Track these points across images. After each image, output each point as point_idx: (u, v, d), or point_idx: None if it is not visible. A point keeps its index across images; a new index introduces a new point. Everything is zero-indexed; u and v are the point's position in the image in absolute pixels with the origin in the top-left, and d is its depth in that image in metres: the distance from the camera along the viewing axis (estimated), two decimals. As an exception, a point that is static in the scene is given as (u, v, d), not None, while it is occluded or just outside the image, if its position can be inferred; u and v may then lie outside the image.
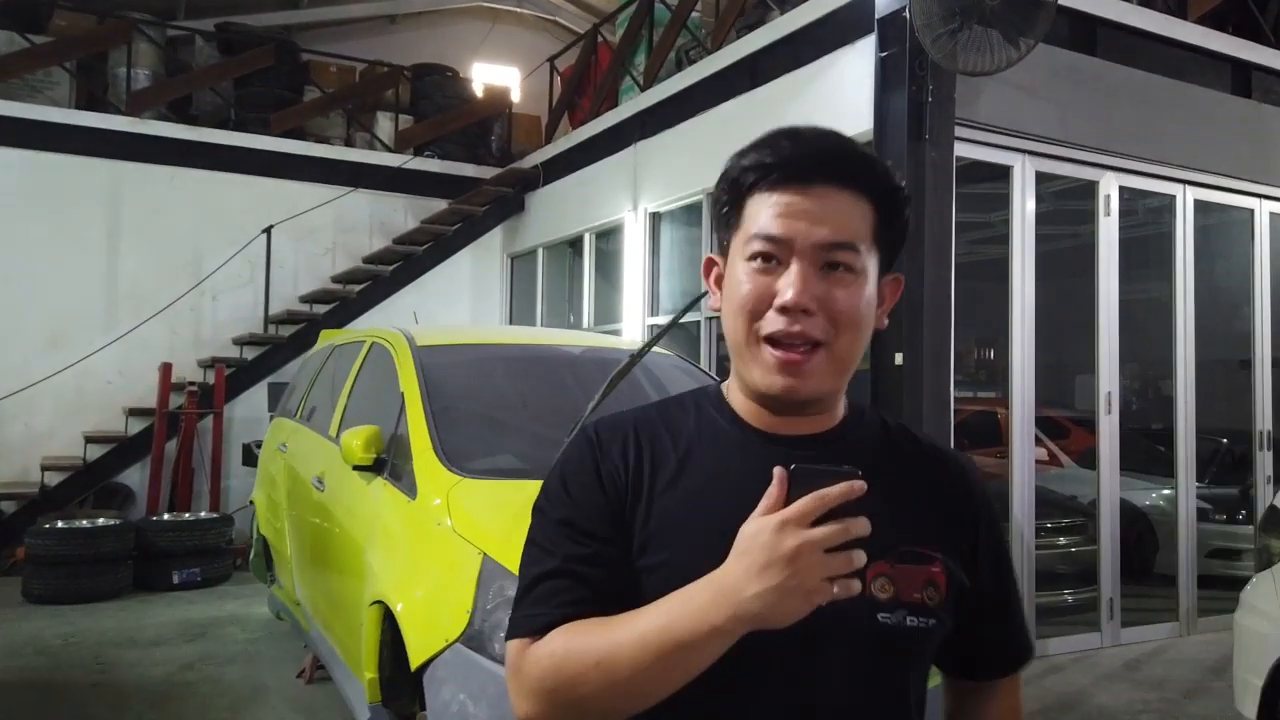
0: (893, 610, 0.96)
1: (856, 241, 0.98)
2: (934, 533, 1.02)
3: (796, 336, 0.97)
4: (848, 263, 0.98)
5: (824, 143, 1.02)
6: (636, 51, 8.06)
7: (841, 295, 0.98)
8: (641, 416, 1.09)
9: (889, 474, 1.02)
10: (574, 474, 1.05)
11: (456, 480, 2.97)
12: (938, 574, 1.00)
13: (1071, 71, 5.38)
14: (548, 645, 0.93)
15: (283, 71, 9.34)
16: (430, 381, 3.49)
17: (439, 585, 2.67)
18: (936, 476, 1.08)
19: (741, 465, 1.02)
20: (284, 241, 8.71)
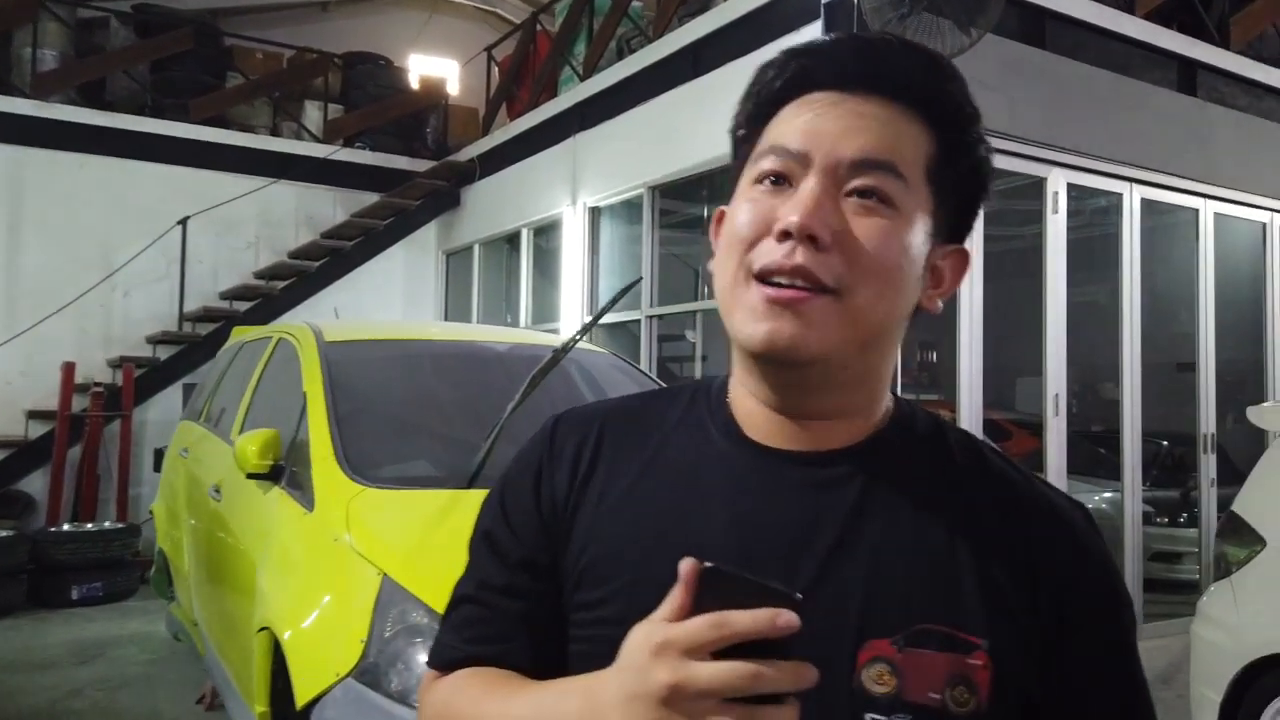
0: (890, 713, 0.69)
1: (898, 163, 0.73)
2: (985, 609, 0.72)
3: (795, 272, 0.71)
4: (883, 190, 0.73)
5: (875, 40, 0.78)
6: (576, 40, 7.79)
7: (868, 227, 0.72)
8: (617, 408, 0.87)
9: (925, 513, 0.75)
10: (514, 476, 0.85)
11: (359, 490, 2.65)
12: (976, 668, 0.70)
13: (1020, 64, 5.24)
14: (439, 692, 0.80)
15: (204, 56, 8.86)
16: (336, 380, 3.17)
17: (332, 611, 2.36)
18: (1014, 527, 0.76)
19: (714, 486, 0.78)
20: (204, 235, 8.24)
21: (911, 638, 0.70)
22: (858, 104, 0.74)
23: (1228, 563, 3.43)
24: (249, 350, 4.36)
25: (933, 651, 0.70)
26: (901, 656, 0.70)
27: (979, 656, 0.70)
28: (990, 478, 0.79)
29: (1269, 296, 6.54)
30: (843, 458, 0.76)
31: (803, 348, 0.71)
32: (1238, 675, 3.21)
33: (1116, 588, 0.78)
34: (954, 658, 0.70)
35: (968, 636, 0.71)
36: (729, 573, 0.58)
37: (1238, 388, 6.87)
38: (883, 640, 0.70)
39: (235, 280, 8.41)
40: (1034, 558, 0.75)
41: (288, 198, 8.72)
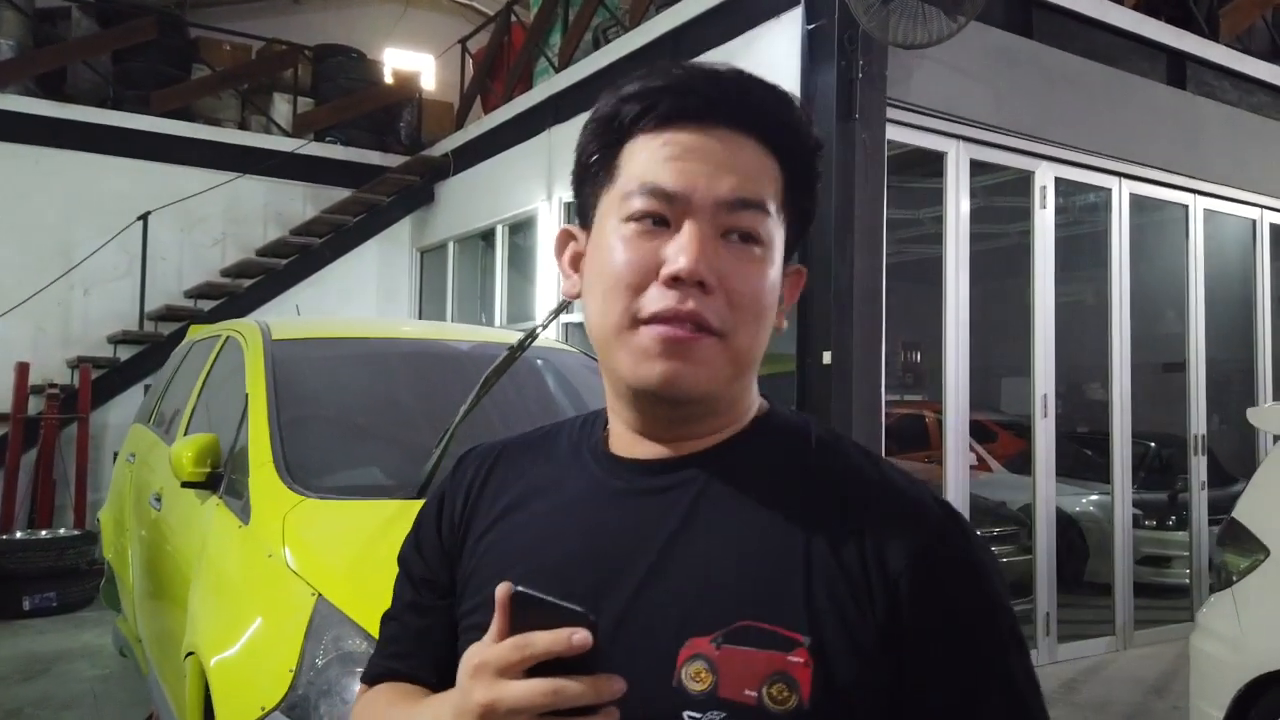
0: (705, 710, 0.69)
1: (765, 199, 0.76)
2: (809, 606, 0.71)
3: (688, 318, 0.73)
4: (754, 230, 0.76)
5: (725, 73, 0.78)
6: (551, 31, 7.58)
7: (745, 272, 0.75)
8: (517, 440, 0.94)
9: (762, 510, 0.76)
10: (426, 506, 0.94)
11: (298, 500, 2.43)
12: (796, 665, 0.70)
13: (1007, 53, 5.07)
14: (359, 705, 0.90)
15: (168, 47, 8.59)
16: (282, 381, 2.94)
17: (261, 636, 2.14)
18: (854, 524, 0.75)
19: (575, 499, 0.83)
20: (168, 231, 7.98)
21: (730, 635, 0.71)
22: (722, 139, 0.75)
23: (1228, 572, 3.26)
24: (198, 350, 4.12)
25: (749, 649, 0.70)
26: (719, 653, 0.70)
27: (799, 654, 0.70)
28: (844, 476, 0.79)
29: (1258, 295, 6.41)
30: (689, 461, 0.79)
31: (693, 387, 0.75)
32: (1241, 691, 3.04)
33: (978, 585, 0.75)
34: (772, 655, 0.70)
35: (789, 633, 0.70)
36: (532, 596, 0.63)
37: (1223, 388, 6.74)
38: (703, 638, 0.71)
39: (201, 278, 8.15)
40: (872, 555, 0.73)
41: (256, 193, 8.46)
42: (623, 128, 0.77)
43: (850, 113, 4.38)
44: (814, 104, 4.51)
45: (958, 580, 0.74)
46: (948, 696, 0.72)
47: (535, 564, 0.79)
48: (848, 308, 4.39)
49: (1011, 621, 0.76)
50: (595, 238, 0.79)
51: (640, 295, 0.74)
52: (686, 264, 0.72)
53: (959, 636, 0.72)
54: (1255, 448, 6.38)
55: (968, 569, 0.75)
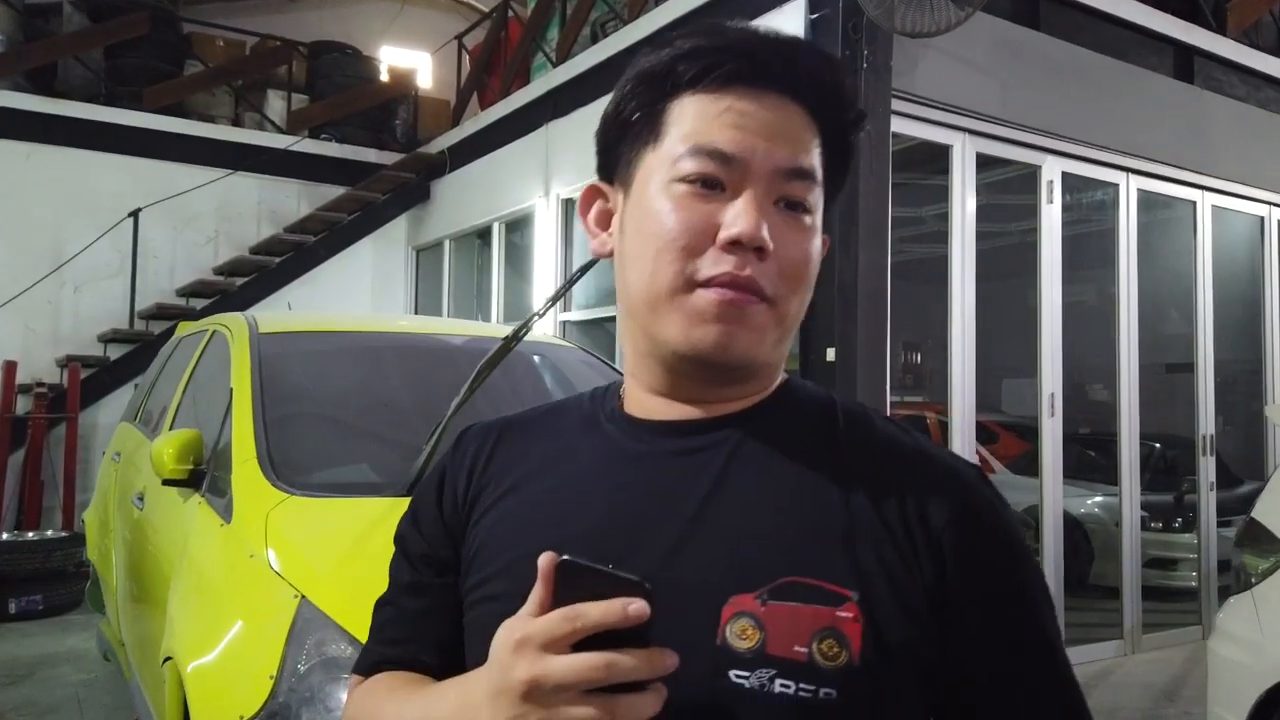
0: (754, 669, 0.68)
1: (816, 169, 0.77)
2: (855, 562, 0.71)
3: (746, 284, 0.73)
4: (804, 199, 0.76)
5: (778, 38, 0.77)
6: (549, 25, 7.48)
7: (796, 240, 0.76)
8: (519, 416, 0.92)
9: (798, 470, 0.76)
10: (423, 485, 0.91)
11: (282, 498, 2.32)
12: (845, 620, 0.69)
13: (1013, 45, 4.97)
14: (354, 698, 0.85)
15: (161, 42, 8.48)
16: (269, 375, 2.83)
17: (241, 640, 2.03)
18: (893, 484, 0.75)
19: (595, 463, 0.81)
20: (160, 229, 7.87)
21: (776, 591, 0.69)
22: (775, 105, 0.75)
23: (1247, 574, 3.16)
24: (185, 345, 4.02)
25: (797, 604, 0.69)
26: (765, 610, 0.69)
27: (849, 609, 0.69)
28: (875, 439, 0.79)
29: (1267, 293, 6.31)
30: (719, 423, 0.78)
31: (745, 351, 0.75)
32: (1262, 697, 2.93)
33: (1011, 546, 0.76)
34: (820, 610, 0.69)
35: (836, 588, 0.69)
36: (583, 565, 0.60)
37: (1228, 389, 6.65)
38: (746, 595, 0.69)
39: (193, 276, 8.02)
40: (915, 514, 0.73)
41: (249, 191, 8.35)
42: (676, 86, 0.76)
43: (855, 104, 4.27)
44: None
45: (997, 542, 0.75)
46: (993, 656, 0.73)
47: (559, 533, 0.74)
48: (852, 304, 4.28)
49: (1043, 580, 0.78)
50: (638, 198, 0.77)
51: (696, 258, 0.73)
52: (749, 229, 0.72)
53: (1002, 598, 0.74)
54: (1264, 448, 6.29)
55: (1005, 531, 0.76)
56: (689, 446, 0.78)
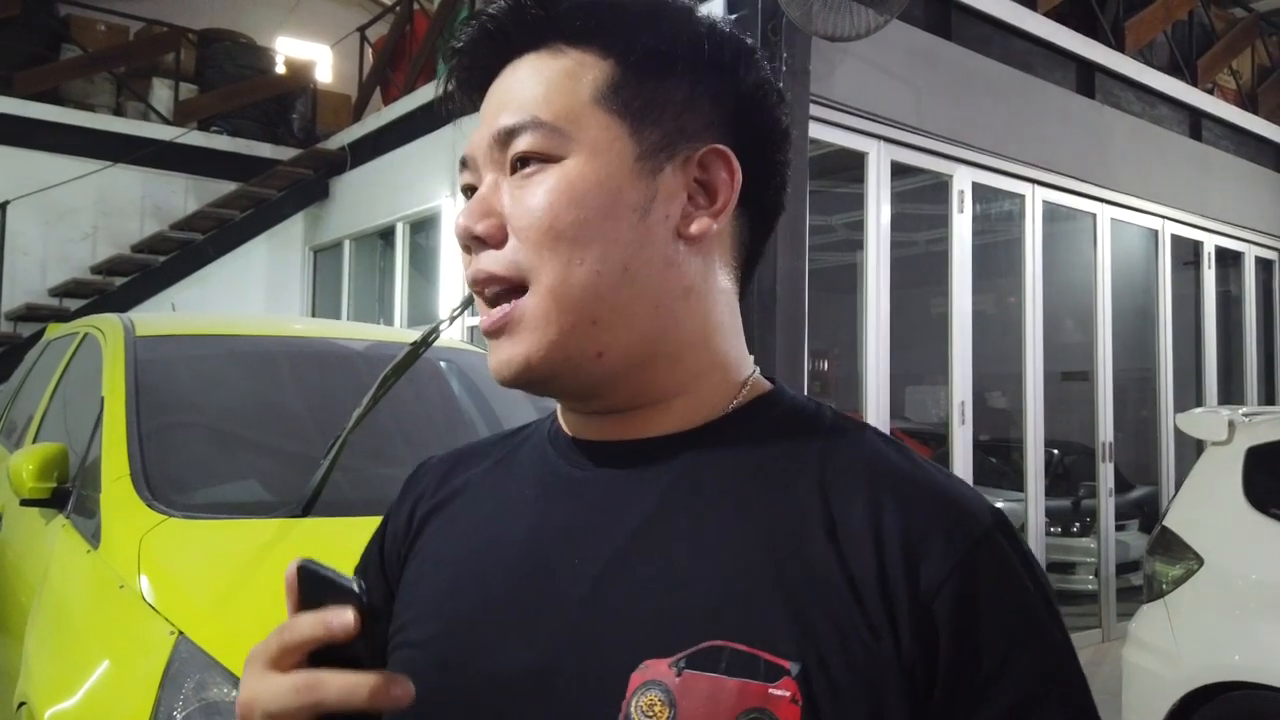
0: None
1: (536, 115, 0.62)
2: (801, 622, 0.55)
3: (481, 280, 0.63)
4: (535, 150, 0.62)
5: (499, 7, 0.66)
6: (457, 17, 7.24)
7: (525, 196, 0.62)
8: (479, 442, 0.80)
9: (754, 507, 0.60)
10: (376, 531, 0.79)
11: (159, 520, 2.07)
12: (780, 700, 0.53)
13: (928, 54, 5.00)
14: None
15: (34, 25, 7.93)
16: (146, 382, 2.56)
17: (108, 683, 1.78)
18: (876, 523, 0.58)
19: (524, 490, 0.69)
20: (30, 223, 7.32)
21: (695, 658, 0.55)
22: (514, 70, 0.66)
23: (1159, 582, 3.18)
24: (53, 350, 3.67)
25: (720, 676, 0.55)
26: (679, 681, 0.55)
27: (786, 684, 0.54)
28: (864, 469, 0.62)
29: (1160, 304, 6.53)
30: (663, 445, 0.65)
31: (526, 368, 0.62)
32: (1176, 705, 2.95)
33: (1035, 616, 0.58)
34: (748, 685, 0.54)
35: (773, 658, 0.55)
36: (312, 570, 0.54)
37: (1120, 395, 6.86)
38: (661, 661, 0.56)
39: (68, 274, 7.49)
40: (897, 561, 0.57)
41: (132, 185, 7.85)
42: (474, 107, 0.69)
43: (774, 106, 4.21)
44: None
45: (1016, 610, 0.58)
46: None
47: (474, 568, 0.66)
48: (770, 309, 4.21)
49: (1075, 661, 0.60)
50: None
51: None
52: (457, 227, 0.64)
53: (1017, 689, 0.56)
54: (1158, 454, 6.49)
55: (1027, 595, 0.59)
56: (623, 474, 0.65)
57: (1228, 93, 7.61)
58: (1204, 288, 6.97)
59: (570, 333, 0.61)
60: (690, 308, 0.65)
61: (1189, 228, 6.77)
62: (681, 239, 0.64)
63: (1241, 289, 7.39)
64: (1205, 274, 6.99)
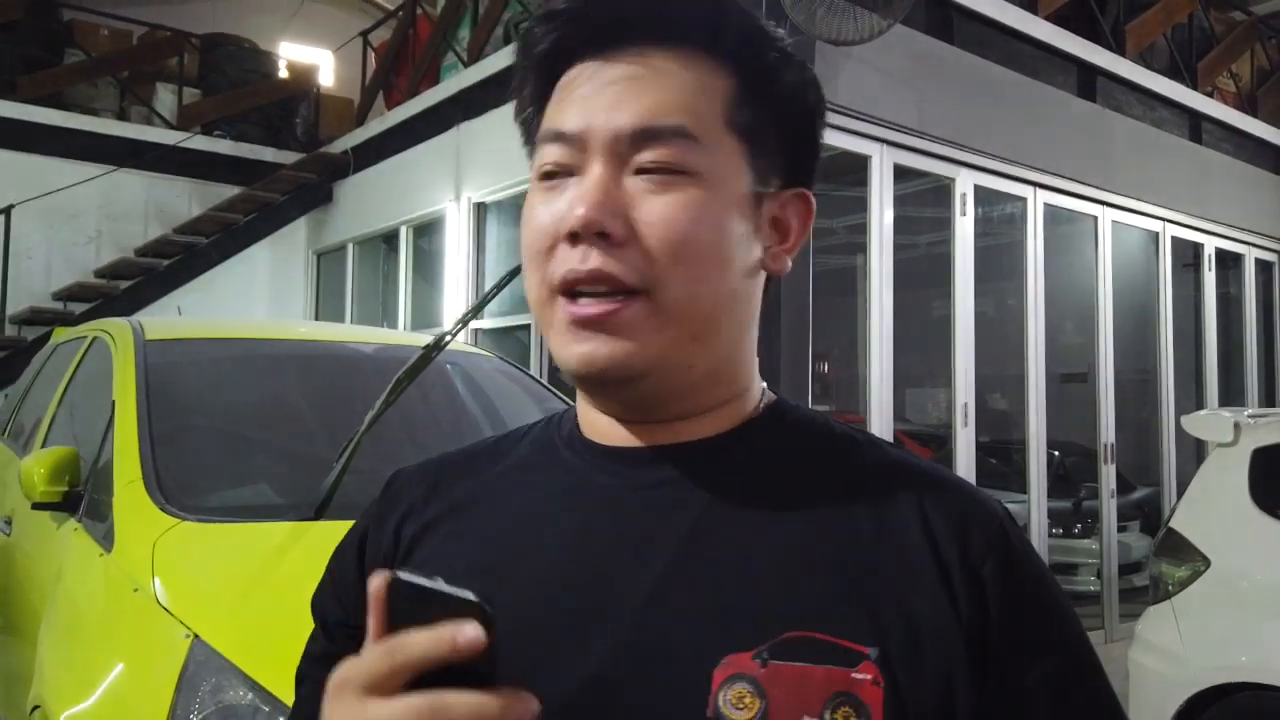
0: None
1: (685, 124, 0.63)
2: (871, 610, 0.59)
3: (593, 278, 0.61)
4: (674, 161, 0.62)
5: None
6: (460, 24, 7.28)
7: (664, 207, 0.62)
8: (461, 451, 0.78)
9: (801, 505, 0.64)
10: (345, 540, 0.78)
11: (172, 524, 2.09)
12: (863, 683, 0.57)
13: (930, 59, 5.02)
14: None
15: (38, 29, 7.96)
16: (156, 386, 2.58)
17: (123, 686, 1.80)
18: (920, 515, 0.63)
19: (554, 499, 0.68)
20: (34, 226, 7.34)
21: (778, 649, 0.58)
22: (630, 61, 0.64)
23: (1166, 584, 3.19)
24: (62, 353, 3.68)
25: (805, 664, 0.58)
26: (765, 672, 0.58)
27: (866, 669, 0.58)
28: (887, 468, 0.67)
29: (1161, 306, 6.54)
30: (699, 450, 0.67)
31: (623, 366, 0.63)
32: (1183, 707, 2.96)
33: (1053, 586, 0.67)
34: (833, 671, 0.58)
35: (851, 644, 0.58)
36: (414, 584, 0.49)
37: (1122, 398, 6.88)
38: (743, 655, 0.58)
39: (72, 278, 7.52)
40: (950, 546, 0.62)
41: (136, 189, 7.88)
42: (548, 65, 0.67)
43: (777, 110, 4.23)
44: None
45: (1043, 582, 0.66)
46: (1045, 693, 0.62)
47: (509, 584, 0.63)
48: (776, 315, 4.23)
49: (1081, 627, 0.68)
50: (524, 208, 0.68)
51: (551, 259, 0.64)
52: (580, 211, 0.61)
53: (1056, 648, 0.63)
54: (1160, 455, 6.51)
55: (1044, 569, 0.68)
56: (663, 478, 0.66)
57: (1227, 95, 7.63)
58: (1204, 289, 7.00)
59: (676, 346, 0.63)
60: (751, 332, 0.70)
61: (1189, 230, 6.79)
62: (764, 270, 0.68)
63: (1242, 290, 7.42)
64: (1205, 275, 7.01)
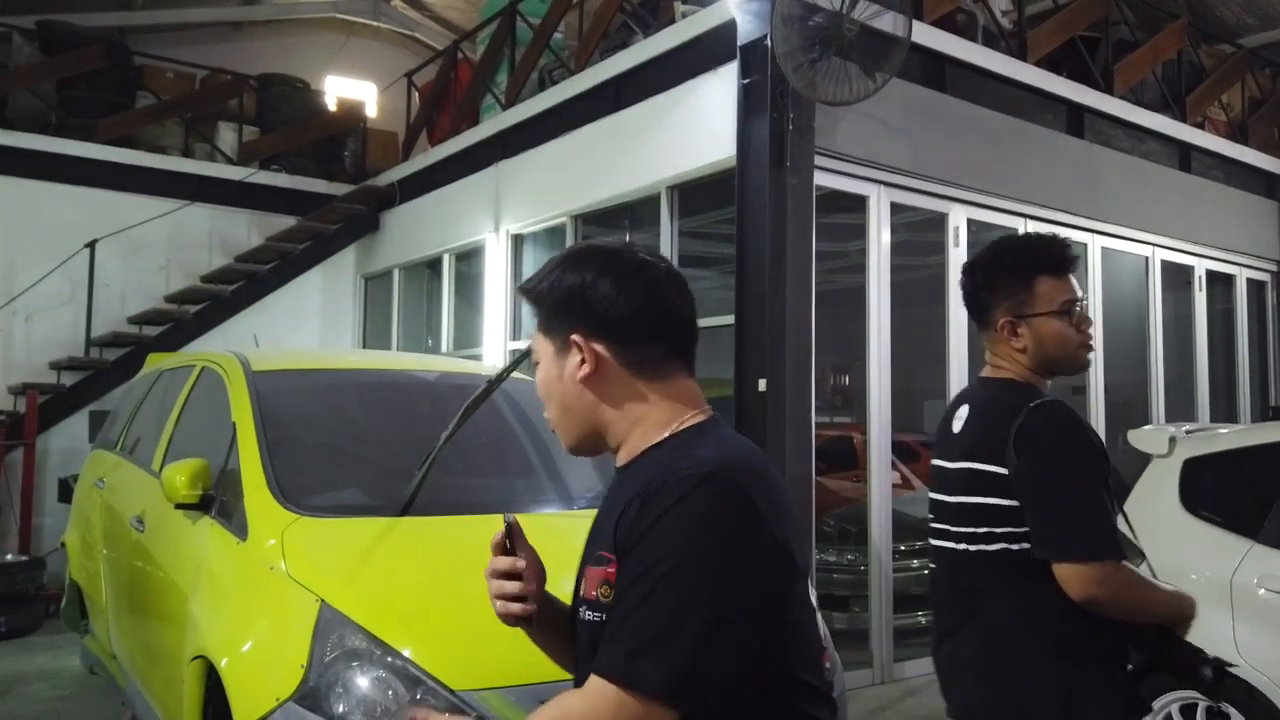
0: (580, 605, 1.21)
1: (534, 345, 1.30)
2: (613, 540, 1.15)
3: None
4: (534, 353, 1.30)
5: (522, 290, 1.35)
6: (498, 69, 7.89)
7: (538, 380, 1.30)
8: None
9: (613, 494, 1.24)
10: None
11: (293, 519, 2.69)
12: (611, 575, 1.14)
13: (923, 106, 5.55)
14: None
15: (113, 75, 8.68)
16: (266, 410, 3.19)
17: (270, 637, 2.40)
18: (631, 492, 1.17)
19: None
20: (111, 257, 8.04)
21: (591, 559, 1.20)
22: None
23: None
24: (168, 379, 4.32)
25: (593, 566, 1.19)
26: (587, 571, 1.20)
27: (612, 566, 1.15)
28: (640, 471, 1.20)
29: (1151, 324, 7.01)
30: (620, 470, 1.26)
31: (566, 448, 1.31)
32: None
33: (647, 517, 1.12)
34: (601, 569, 1.16)
35: (608, 554, 1.16)
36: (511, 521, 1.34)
37: (1114, 412, 7.31)
38: (587, 565, 1.22)
39: (145, 304, 8.22)
40: (631, 505, 1.15)
41: (201, 220, 8.57)
42: None
43: (781, 160, 4.79)
44: (749, 152, 4.91)
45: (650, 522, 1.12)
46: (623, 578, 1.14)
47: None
48: (780, 338, 4.77)
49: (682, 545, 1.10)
50: None
51: None
52: None
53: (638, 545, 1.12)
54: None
55: (653, 508, 1.12)
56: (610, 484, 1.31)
57: (1219, 125, 8.05)
58: (1195, 309, 7.44)
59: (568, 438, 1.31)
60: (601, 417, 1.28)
61: (1179, 253, 7.25)
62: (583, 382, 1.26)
63: (1233, 308, 7.84)
64: (1196, 296, 7.46)
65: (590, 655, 1.13)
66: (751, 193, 4.91)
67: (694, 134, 5.39)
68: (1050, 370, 1.92)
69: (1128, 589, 1.73)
